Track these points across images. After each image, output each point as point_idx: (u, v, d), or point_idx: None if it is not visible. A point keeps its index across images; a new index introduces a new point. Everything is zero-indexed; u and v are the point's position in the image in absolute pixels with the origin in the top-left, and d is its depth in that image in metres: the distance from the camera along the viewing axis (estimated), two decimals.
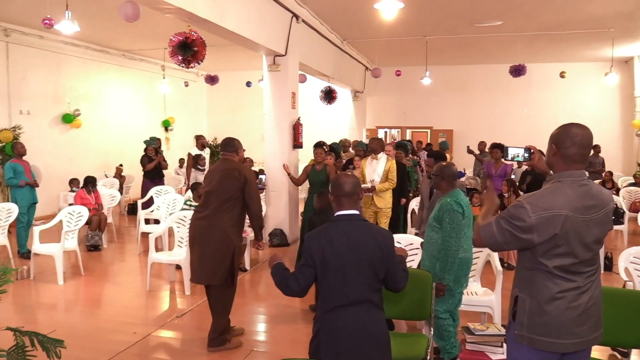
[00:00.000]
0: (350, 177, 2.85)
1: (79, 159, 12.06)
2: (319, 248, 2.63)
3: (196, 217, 4.50)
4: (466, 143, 11.99)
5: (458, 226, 3.85)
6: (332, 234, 2.67)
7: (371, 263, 2.63)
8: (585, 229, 2.33)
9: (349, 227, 2.70)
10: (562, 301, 2.32)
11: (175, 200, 8.33)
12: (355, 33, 11.41)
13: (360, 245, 2.64)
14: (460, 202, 3.92)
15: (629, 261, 4.70)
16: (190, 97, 16.57)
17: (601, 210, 2.39)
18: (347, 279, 2.61)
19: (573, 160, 2.37)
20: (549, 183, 2.43)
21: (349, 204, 2.75)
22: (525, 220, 2.27)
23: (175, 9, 5.68)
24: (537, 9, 9.23)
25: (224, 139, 4.71)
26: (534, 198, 2.33)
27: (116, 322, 5.28)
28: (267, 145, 8.86)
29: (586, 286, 2.39)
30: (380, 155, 6.97)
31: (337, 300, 2.63)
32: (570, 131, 2.38)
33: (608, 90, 14.21)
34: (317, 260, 2.62)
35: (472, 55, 13.94)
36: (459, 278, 3.96)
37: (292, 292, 2.69)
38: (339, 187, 2.77)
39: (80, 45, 11.97)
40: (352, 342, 2.60)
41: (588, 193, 2.37)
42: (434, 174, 4.12)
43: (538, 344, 2.34)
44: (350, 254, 2.62)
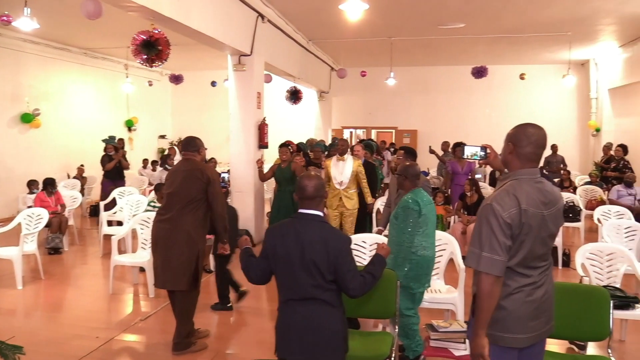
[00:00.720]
0: (313, 179, 2.87)
1: (39, 160, 11.72)
2: (272, 241, 2.76)
3: (158, 219, 4.38)
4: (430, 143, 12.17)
5: (412, 223, 3.92)
6: (285, 230, 2.77)
7: (315, 264, 2.68)
8: (543, 224, 2.42)
9: (301, 226, 2.77)
10: (519, 295, 2.39)
11: (138, 201, 8.19)
12: (321, 33, 11.45)
13: (307, 244, 2.70)
14: (418, 201, 3.98)
15: (585, 257, 4.87)
16: (154, 96, 16.30)
17: (554, 206, 2.48)
18: (294, 276, 2.71)
19: (529, 159, 2.45)
20: (505, 181, 2.49)
21: (311, 205, 2.82)
22: (504, 219, 2.32)
23: (138, 6, 5.58)
24: (498, 12, 9.45)
25: (184, 138, 4.63)
26: (498, 197, 2.38)
27: (78, 326, 5.16)
28: (232, 145, 8.80)
29: (541, 281, 2.46)
30: (347, 156, 7.00)
31: (288, 293, 2.75)
32: (526, 131, 2.46)
33: (565, 91, 14.66)
34: (270, 252, 2.74)
35: (436, 56, 14.16)
36: (419, 277, 4.00)
37: (250, 279, 2.82)
38: (301, 190, 2.83)
39: (40, 42, 11.63)
40: (300, 334, 2.70)
41: (543, 190, 2.46)
42: (398, 174, 4.18)
43: (498, 340, 2.40)
44: (296, 251, 2.70)
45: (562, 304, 3.37)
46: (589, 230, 9.24)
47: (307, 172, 3.01)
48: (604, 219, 7.28)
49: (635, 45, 11.79)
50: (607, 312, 3.38)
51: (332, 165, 7.03)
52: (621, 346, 4.74)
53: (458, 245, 5.04)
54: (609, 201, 9.02)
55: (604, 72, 13.89)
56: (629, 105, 13.18)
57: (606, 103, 13.99)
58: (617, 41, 12.00)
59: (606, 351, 3.50)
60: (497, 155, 2.84)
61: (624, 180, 9.11)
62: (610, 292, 3.71)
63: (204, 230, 4.44)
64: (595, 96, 14.42)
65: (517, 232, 2.34)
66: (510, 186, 2.42)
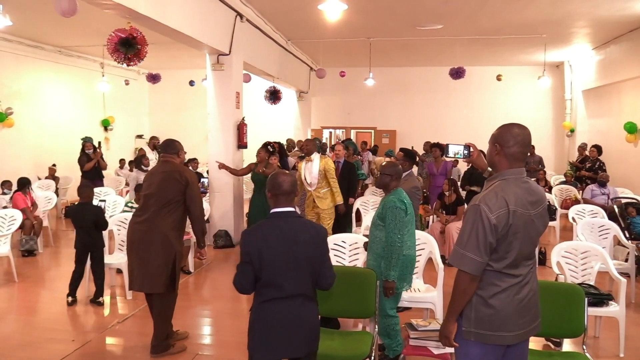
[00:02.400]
0: (287, 175, 2.92)
1: (12, 160, 11.46)
2: (254, 245, 2.70)
3: (135, 221, 4.32)
4: (409, 143, 12.28)
5: (401, 223, 3.93)
6: (266, 231, 2.74)
7: (307, 258, 2.74)
8: (531, 223, 2.45)
9: (284, 224, 2.78)
10: (506, 294, 2.42)
11: (115, 202, 8.08)
12: (300, 33, 11.44)
13: (295, 240, 2.72)
14: (404, 200, 4.01)
15: (561, 255, 4.95)
16: (130, 95, 16.07)
17: (540, 205, 2.53)
18: (283, 274, 2.70)
19: (515, 158, 2.48)
20: (494, 181, 2.51)
21: (286, 201, 2.84)
22: (491, 221, 2.34)
23: (114, 4, 5.50)
24: (475, 14, 9.55)
25: (164, 141, 4.59)
26: (487, 198, 2.39)
27: (53, 330, 5.06)
28: (211, 145, 8.73)
29: (527, 279, 2.50)
30: (314, 156, 6.92)
31: (273, 293, 2.71)
32: (512, 131, 2.49)
33: (541, 92, 14.90)
34: (254, 257, 2.68)
35: (414, 57, 14.26)
36: (404, 276, 4.04)
37: (238, 289, 2.76)
38: (277, 186, 2.84)
39: (12, 40, 11.37)
40: (285, 330, 2.71)
41: (530, 189, 2.50)
42: (386, 173, 4.17)
43: (485, 338, 2.42)
44: (285, 249, 2.70)
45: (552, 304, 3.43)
46: (564, 229, 9.41)
47: (279, 170, 3.03)
48: (579, 218, 7.42)
49: (608, 48, 12.03)
50: (582, 310, 3.45)
51: (302, 167, 6.97)
52: (595, 342, 4.83)
53: (437, 245, 5.08)
54: (583, 200, 9.19)
55: (578, 74, 14.15)
56: (602, 106, 13.45)
57: (580, 104, 14.25)
58: (591, 43, 12.24)
59: (581, 347, 3.57)
60: (480, 154, 2.87)
61: (597, 180, 9.29)
62: (585, 289, 3.79)
63: (180, 232, 4.39)
64: (570, 97, 14.68)
65: (503, 233, 2.36)
66: (498, 187, 2.44)
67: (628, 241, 6.48)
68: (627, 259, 6.39)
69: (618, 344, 4.53)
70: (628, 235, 6.89)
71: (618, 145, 11.64)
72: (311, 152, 6.90)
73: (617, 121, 11.90)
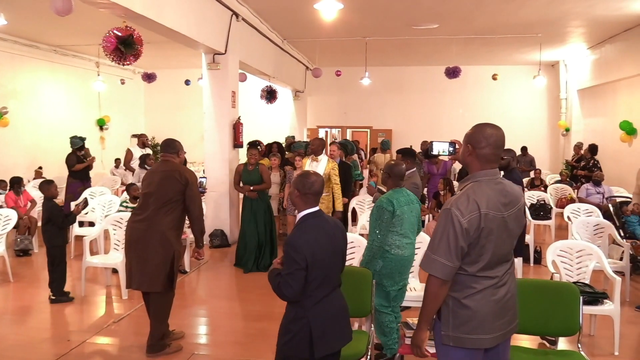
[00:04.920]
0: (318, 175, 2.97)
1: (7, 159, 11.41)
2: (309, 249, 2.74)
3: (133, 219, 4.32)
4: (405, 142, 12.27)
5: (383, 222, 3.96)
6: (315, 233, 2.82)
7: (343, 252, 3.01)
8: (504, 225, 2.41)
9: (323, 223, 2.90)
10: (482, 294, 2.39)
11: (111, 201, 8.05)
12: (296, 33, 11.43)
13: (335, 237, 2.90)
14: (393, 201, 4.00)
15: (556, 254, 4.97)
16: (126, 95, 16.01)
17: (515, 206, 2.48)
18: (330, 270, 2.86)
19: (488, 159, 2.44)
20: (466, 183, 2.48)
21: (315, 202, 2.92)
22: (462, 225, 2.31)
23: (110, 3, 5.49)
24: (471, 14, 9.57)
25: (164, 140, 4.58)
26: (458, 202, 2.36)
27: (49, 330, 5.06)
28: (207, 144, 8.72)
29: (503, 280, 2.47)
30: (321, 157, 6.88)
31: (323, 290, 2.82)
32: (484, 132, 2.45)
33: (536, 92, 14.93)
34: (309, 260, 2.72)
35: (410, 56, 14.27)
36: (393, 275, 4.02)
37: (287, 297, 2.78)
38: (309, 186, 2.87)
39: (7, 39, 11.32)
40: (339, 322, 2.91)
41: (504, 190, 2.46)
42: (383, 170, 4.21)
43: (463, 342, 2.40)
44: (331, 247, 2.85)
45: (533, 300, 3.45)
46: (559, 228, 9.43)
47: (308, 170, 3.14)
48: (574, 217, 7.45)
49: (603, 47, 12.07)
50: (577, 308, 3.46)
51: (307, 166, 6.89)
52: (590, 340, 4.86)
53: None
54: (578, 199, 9.23)
55: (573, 73, 14.20)
56: (597, 105, 13.50)
57: (575, 103, 14.30)
58: (586, 43, 12.28)
59: (576, 346, 3.59)
60: None
61: (592, 179, 9.32)
62: (580, 288, 3.80)
63: (179, 231, 4.40)
64: (565, 97, 14.73)
65: (475, 236, 2.33)
66: (470, 189, 2.41)
67: (623, 240, 6.51)
68: (621, 257, 6.42)
69: (613, 343, 4.56)
70: (623, 234, 6.93)
71: (613, 145, 11.68)
72: (318, 152, 6.85)
73: (612, 120, 11.95)
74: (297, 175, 2.99)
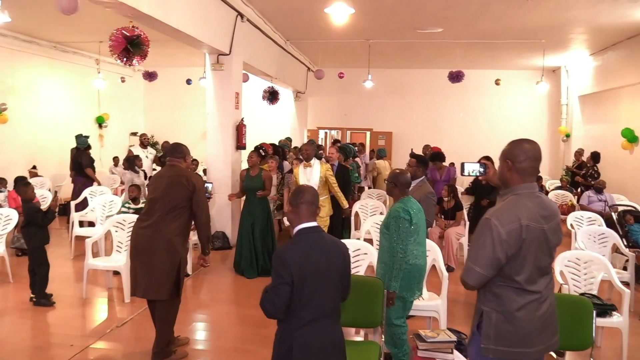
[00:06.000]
0: (309, 186, 2.89)
1: (5, 156, 11.30)
2: (295, 262, 2.59)
3: (139, 225, 4.23)
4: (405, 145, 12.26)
5: (404, 233, 3.89)
6: (305, 248, 2.66)
7: (340, 272, 2.74)
8: (544, 238, 2.46)
9: (318, 239, 2.73)
10: (527, 310, 2.42)
11: (112, 202, 7.97)
12: (299, 34, 11.38)
13: (332, 255, 2.71)
14: (408, 209, 3.96)
15: (564, 265, 4.94)
16: (126, 93, 15.89)
17: (554, 219, 2.54)
18: (321, 291, 2.65)
19: (527, 173, 2.50)
20: (506, 196, 2.52)
21: (309, 214, 2.75)
22: (501, 236, 2.34)
23: (117, 3, 5.41)
24: (475, 18, 9.55)
25: (171, 144, 4.50)
26: (498, 213, 2.41)
27: (50, 334, 4.99)
28: (209, 146, 8.66)
29: (545, 294, 2.50)
30: (314, 161, 6.79)
31: (311, 313, 2.63)
32: (522, 146, 2.52)
33: (537, 97, 14.92)
34: (295, 275, 2.58)
35: (413, 59, 14.24)
36: (411, 286, 3.99)
37: (268, 313, 2.65)
38: (298, 195, 2.78)
39: (7, 35, 11.20)
40: (324, 356, 2.66)
41: (542, 203, 2.51)
42: (388, 181, 4.16)
43: (504, 355, 2.41)
44: (324, 265, 2.66)
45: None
46: None
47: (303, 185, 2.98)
48: (577, 225, 7.43)
49: (605, 54, 12.08)
50: (590, 322, 3.43)
51: (300, 173, 6.79)
52: (597, 352, 4.83)
53: (440, 252, 5.05)
54: (580, 207, 9.21)
55: (574, 79, 14.20)
56: (598, 112, 13.51)
57: (576, 109, 14.30)
58: (588, 49, 12.28)
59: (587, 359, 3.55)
60: (496, 172, 2.87)
61: (594, 186, 9.31)
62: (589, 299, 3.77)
63: (185, 237, 4.32)
64: (566, 102, 14.73)
65: (515, 248, 2.36)
66: (510, 202, 2.46)
67: (626, 249, 6.49)
68: (625, 267, 6.41)
69: (620, 354, 4.53)
70: (626, 242, 6.91)
71: (614, 152, 11.68)
72: (310, 157, 6.76)
73: (613, 127, 11.94)
74: (293, 190, 2.93)
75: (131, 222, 6.16)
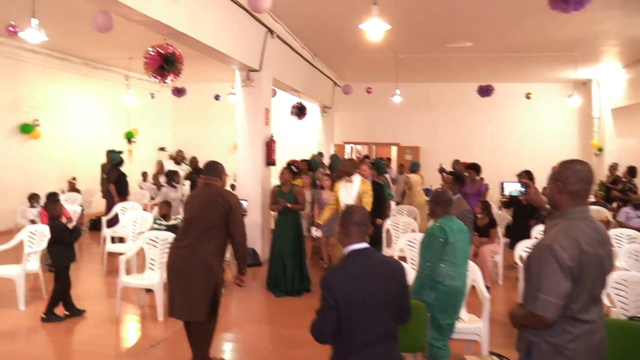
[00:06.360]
0: (359, 207, 2.82)
1: (37, 171, 11.50)
2: (341, 287, 2.51)
3: (176, 245, 4.18)
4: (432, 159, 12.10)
5: (434, 250, 3.80)
6: (351, 271, 2.58)
7: (393, 296, 2.62)
8: (600, 264, 2.35)
9: (366, 261, 2.63)
10: (579, 342, 2.31)
11: (143, 217, 7.99)
12: (327, 49, 11.38)
13: (382, 278, 2.60)
14: (445, 228, 3.87)
15: (611, 287, 4.75)
16: (154, 108, 16.09)
17: (608, 245, 2.43)
18: (372, 316, 2.54)
19: (579, 196, 2.39)
20: (557, 220, 2.41)
21: (359, 235, 2.68)
22: (565, 262, 2.24)
23: (153, 21, 5.45)
24: (507, 32, 9.44)
25: (206, 163, 4.46)
26: (558, 238, 2.29)
27: (85, 352, 4.97)
28: (239, 162, 8.65)
29: (597, 324, 2.39)
30: (354, 177, 6.71)
31: (361, 338, 2.53)
32: (574, 168, 2.41)
33: (567, 110, 14.61)
34: (340, 300, 2.49)
35: (440, 73, 14.12)
36: (446, 307, 3.87)
37: (315, 338, 2.56)
38: (348, 216, 2.72)
39: (40, 52, 11.45)
40: None
41: (596, 228, 2.40)
42: (430, 201, 4.07)
43: None
44: (373, 288, 2.55)
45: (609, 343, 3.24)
46: None
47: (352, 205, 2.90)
48: (617, 244, 7.19)
49: (639, 67, 11.81)
50: None
51: (341, 188, 6.73)
52: None
53: (480, 272, 4.91)
54: (617, 223, 8.93)
55: (606, 92, 13.91)
56: (631, 125, 13.20)
57: (609, 123, 13.98)
58: (621, 62, 12.04)
59: None
60: (537, 191, 2.78)
61: (632, 202, 9.03)
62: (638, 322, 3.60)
63: (221, 257, 4.25)
64: (598, 115, 14.42)
65: (577, 274, 2.25)
66: (567, 226, 2.34)
67: None
68: None
69: None
70: None
71: None
72: (351, 173, 6.69)
73: None
74: (343, 210, 2.86)
75: (164, 239, 6.15)
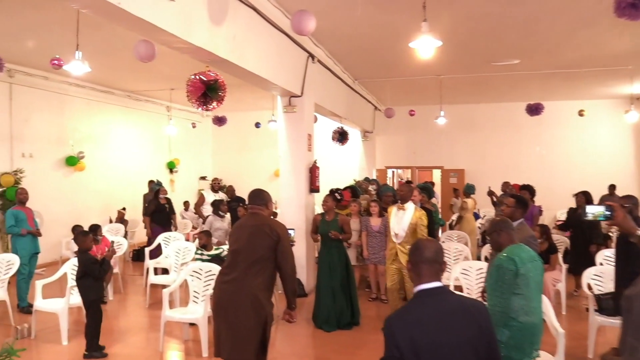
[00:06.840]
0: (431, 241, 2.46)
1: (82, 203, 11.61)
2: (405, 333, 2.17)
3: (222, 279, 3.93)
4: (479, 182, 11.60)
5: (504, 284, 3.46)
6: (419, 315, 2.24)
7: (471, 343, 2.21)
8: None
9: (440, 303, 2.27)
10: None
11: (186, 248, 7.83)
12: (368, 73, 11.18)
13: (457, 324, 2.22)
14: (514, 258, 3.50)
15: None
16: (195, 137, 16.21)
17: None
18: None
19: None
20: None
21: (430, 273, 2.33)
22: None
23: (196, 48, 5.33)
24: (556, 48, 9.02)
25: (252, 191, 4.22)
26: None
27: None
28: (282, 189, 8.44)
29: None
30: (408, 205, 6.32)
31: None
32: None
33: (623, 127, 13.92)
34: (405, 348, 2.15)
35: (484, 93, 13.70)
36: (522, 345, 3.48)
37: None
38: (417, 252, 2.38)
39: (84, 86, 11.67)
40: None
41: None
42: (489, 232, 3.72)
43: None
44: (444, 337, 2.19)
45: None
46: None
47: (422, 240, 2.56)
48: None
49: None
50: None
51: (393, 215, 6.36)
52: None
53: (550, 305, 4.47)
54: None
55: None
56: None
57: None
58: None
59: None
60: (626, 216, 2.41)
61: None
62: None
63: (270, 292, 3.97)
64: None
65: None
66: None
67: None
68: None
69: None
70: None
71: None
72: (406, 199, 6.30)
73: None
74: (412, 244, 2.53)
75: (208, 270, 5.95)
